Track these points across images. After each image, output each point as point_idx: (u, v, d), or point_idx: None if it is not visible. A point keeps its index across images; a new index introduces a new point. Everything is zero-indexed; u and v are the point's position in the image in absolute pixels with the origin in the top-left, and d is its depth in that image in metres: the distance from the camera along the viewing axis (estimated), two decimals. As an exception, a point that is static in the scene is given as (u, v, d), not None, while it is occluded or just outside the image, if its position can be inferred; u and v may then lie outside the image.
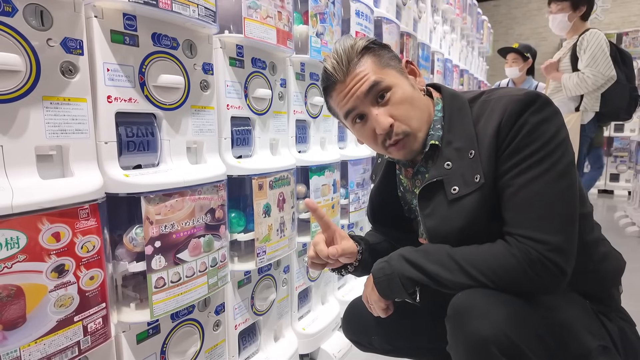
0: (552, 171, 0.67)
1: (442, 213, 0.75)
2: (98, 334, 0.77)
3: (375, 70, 0.77)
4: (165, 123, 0.94)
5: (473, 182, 0.72)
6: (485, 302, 0.66)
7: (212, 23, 0.96)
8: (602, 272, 0.80)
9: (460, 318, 0.67)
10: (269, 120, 1.28)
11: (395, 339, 1.00)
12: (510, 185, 0.69)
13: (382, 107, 0.77)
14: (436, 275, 0.72)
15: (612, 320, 0.78)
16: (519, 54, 3.28)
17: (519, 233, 0.68)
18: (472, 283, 0.69)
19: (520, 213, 0.69)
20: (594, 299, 0.79)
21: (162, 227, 0.86)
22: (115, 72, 0.82)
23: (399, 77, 0.79)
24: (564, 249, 0.66)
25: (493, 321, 0.63)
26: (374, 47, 0.80)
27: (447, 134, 0.77)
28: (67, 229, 0.70)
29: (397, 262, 0.78)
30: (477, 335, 0.63)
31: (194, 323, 1.05)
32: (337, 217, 1.59)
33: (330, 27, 1.46)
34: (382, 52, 0.80)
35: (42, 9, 0.70)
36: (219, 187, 1.01)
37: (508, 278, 0.67)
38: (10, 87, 0.67)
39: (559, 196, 0.68)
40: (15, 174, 0.68)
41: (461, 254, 0.71)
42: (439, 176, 0.76)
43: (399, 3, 2.19)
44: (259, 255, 1.17)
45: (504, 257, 0.68)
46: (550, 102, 0.71)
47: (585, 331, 0.73)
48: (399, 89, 0.77)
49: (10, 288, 0.63)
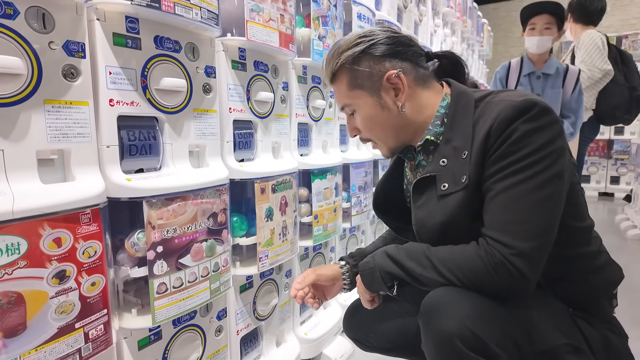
0: (532, 180, 0.68)
1: (430, 207, 0.79)
2: (99, 341, 0.75)
3: (344, 94, 0.85)
4: (168, 126, 0.93)
5: (460, 181, 0.74)
6: (452, 299, 0.68)
7: (214, 26, 0.96)
8: (590, 283, 0.79)
9: (429, 315, 0.69)
10: (271, 123, 1.27)
11: (394, 337, 1.03)
12: (491, 189, 0.71)
13: (352, 118, 0.88)
14: (412, 272, 0.76)
15: (595, 327, 0.77)
16: (555, 16, 2.16)
17: (489, 235, 0.70)
18: (443, 281, 0.72)
19: (494, 216, 0.71)
20: (579, 307, 0.79)
21: (164, 231, 0.85)
22: (117, 75, 0.82)
23: (368, 98, 0.83)
24: (529, 255, 0.67)
25: (457, 317, 0.65)
26: (352, 65, 0.82)
27: (448, 131, 0.79)
28: (69, 234, 0.69)
29: (380, 258, 0.83)
30: (443, 331, 0.66)
31: (196, 329, 1.03)
32: (339, 220, 1.58)
33: (332, 30, 1.45)
34: (359, 70, 0.82)
35: (44, 11, 0.69)
36: (222, 191, 1.00)
37: (474, 278, 0.69)
38: (11, 91, 0.66)
39: (534, 204, 0.68)
40: (16, 178, 0.67)
41: (436, 253, 0.74)
42: (433, 172, 0.78)
43: (400, 6, 2.19)
44: (261, 259, 1.16)
45: (471, 258, 0.70)
46: (549, 110, 0.70)
47: (553, 328, 0.73)
48: (362, 111, 0.84)
49: (10, 295, 0.62)
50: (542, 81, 2.30)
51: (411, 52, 0.83)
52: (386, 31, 0.83)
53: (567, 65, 2.30)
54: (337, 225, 1.56)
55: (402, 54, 0.82)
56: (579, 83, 2.26)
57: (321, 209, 1.45)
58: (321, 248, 1.64)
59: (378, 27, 0.85)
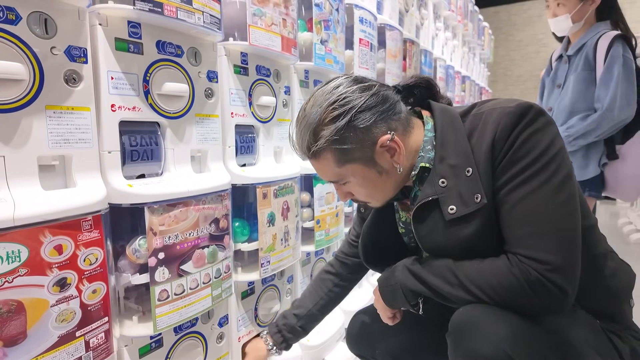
0: (547, 185, 0.65)
1: (438, 235, 0.72)
2: (100, 349, 0.74)
3: (333, 171, 0.75)
4: (170, 131, 0.92)
5: (473, 202, 0.68)
6: (487, 319, 0.64)
7: (217, 30, 0.95)
8: (612, 288, 0.77)
9: (461, 335, 0.65)
10: (273, 127, 1.26)
11: (400, 354, 0.99)
12: (506, 202, 0.67)
13: (343, 186, 0.79)
14: (438, 289, 0.71)
15: (624, 340, 0.75)
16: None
17: (519, 252, 0.65)
18: (473, 299, 0.67)
19: (518, 231, 0.66)
20: (605, 317, 0.77)
21: (165, 238, 0.85)
22: (119, 80, 0.81)
23: (362, 169, 0.74)
24: (565, 268, 0.64)
25: (494, 339, 0.61)
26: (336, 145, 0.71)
27: (439, 150, 0.73)
28: (70, 241, 0.68)
29: (400, 274, 0.78)
30: (477, 354, 0.62)
31: (197, 336, 1.02)
32: (341, 225, 1.57)
33: (334, 34, 1.45)
34: (347, 146, 0.71)
35: (46, 16, 0.69)
36: (224, 196, 0.99)
37: (508, 297, 0.65)
38: (13, 97, 0.65)
39: (556, 211, 0.65)
40: (17, 184, 0.66)
41: (463, 269, 0.69)
42: (434, 194, 0.71)
43: (401, 10, 2.19)
44: (263, 265, 1.15)
45: (504, 276, 0.65)
46: (542, 112, 0.68)
47: (592, 352, 0.70)
48: (358, 181, 0.76)
49: (10, 303, 0.61)
50: (567, 65, 1.71)
51: (391, 103, 0.74)
52: (360, 91, 0.72)
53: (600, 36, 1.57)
54: (340, 230, 1.55)
55: (386, 112, 0.73)
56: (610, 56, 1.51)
57: (323, 214, 1.44)
58: (323, 253, 1.63)
59: (344, 83, 0.74)
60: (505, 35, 7.32)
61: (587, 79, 1.60)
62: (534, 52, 7.12)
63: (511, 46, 7.33)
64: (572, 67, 1.68)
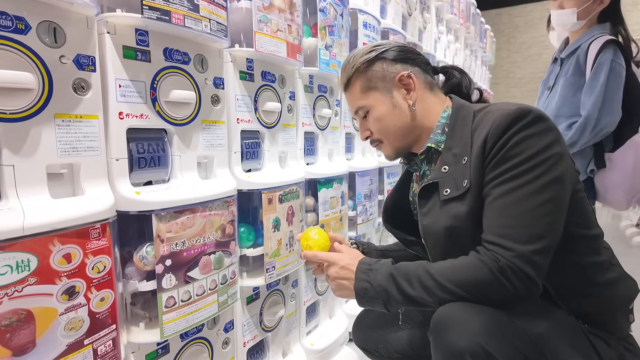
0: (530, 185, 0.69)
1: (434, 213, 0.80)
2: (108, 357, 0.75)
3: (358, 97, 0.90)
4: (176, 138, 0.92)
5: (462, 186, 0.76)
6: (462, 314, 0.67)
7: (223, 37, 0.96)
8: (605, 297, 0.78)
9: (439, 331, 0.68)
10: (278, 133, 1.27)
11: (400, 347, 1.04)
12: (490, 195, 0.73)
13: (365, 120, 0.92)
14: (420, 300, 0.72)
15: (611, 346, 0.76)
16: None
17: (488, 239, 0.71)
18: (451, 298, 0.70)
19: (492, 220, 0.72)
20: (593, 322, 0.78)
21: (172, 245, 0.85)
22: (127, 88, 0.81)
23: (381, 98, 0.88)
24: (531, 259, 0.67)
25: (468, 332, 0.65)
26: (365, 69, 0.88)
27: (448, 140, 0.83)
28: (78, 249, 0.69)
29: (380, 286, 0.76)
30: (453, 348, 0.65)
31: (203, 341, 1.02)
32: (345, 229, 1.57)
33: (338, 39, 1.45)
34: (373, 71, 0.88)
35: (55, 25, 0.69)
36: (230, 202, 0.99)
37: (482, 287, 0.69)
38: (22, 106, 0.65)
39: (533, 210, 0.69)
40: (26, 194, 0.66)
41: (437, 269, 0.73)
42: (436, 178, 0.81)
43: (404, 14, 2.19)
44: (268, 270, 1.15)
45: (475, 266, 0.70)
46: (544, 118, 0.72)
47: (566, 345, 0.72)
48: (375, 110, 0.89)
49: (20, 312, 0.61)
50: (559, 68, 1.69)
51: (420, 59, 0.90)
52: (398, 43, 0.91)
53: (592, 41, 1.53)
54: (343, 234, 1.55)
55: (412, 59, 0.89)
56: (597, 61, 1.48)
57: (327, 218, 1.44)
58: (327, 257, 1.62)
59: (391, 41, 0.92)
60: (507, 38, 7.32)
61: (575, 84, 1.58)
62: (536, 54, 7.12)
63: (513, 48, 7.33)
64: (563, 70, 1.66)
